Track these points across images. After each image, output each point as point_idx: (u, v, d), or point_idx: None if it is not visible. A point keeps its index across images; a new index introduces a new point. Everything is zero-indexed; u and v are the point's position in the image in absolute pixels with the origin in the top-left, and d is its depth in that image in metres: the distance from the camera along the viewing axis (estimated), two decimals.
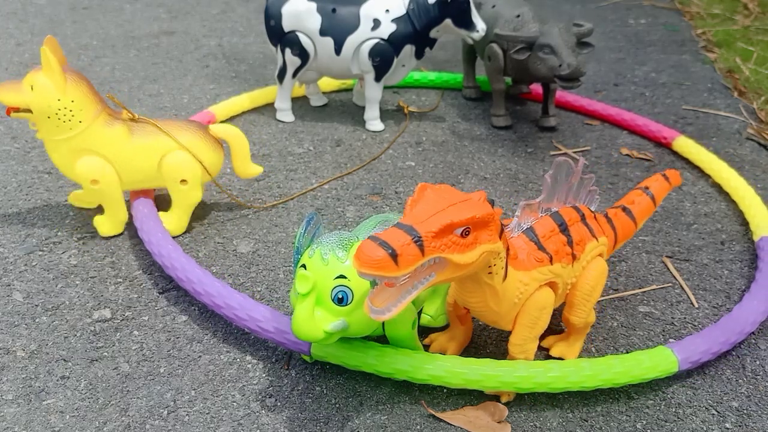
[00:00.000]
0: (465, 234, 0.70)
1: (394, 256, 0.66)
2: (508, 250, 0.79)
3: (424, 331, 0.96)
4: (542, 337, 0.95)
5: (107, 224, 1.14)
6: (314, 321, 0.76)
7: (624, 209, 1.01)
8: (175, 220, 1.15)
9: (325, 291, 0.77)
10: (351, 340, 0.87)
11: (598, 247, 0.90)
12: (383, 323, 0.85)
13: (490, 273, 0.77)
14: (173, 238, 1.13)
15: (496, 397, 0.87)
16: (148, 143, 1.10)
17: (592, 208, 0.96)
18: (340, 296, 0.77)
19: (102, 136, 1.07)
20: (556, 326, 0.98)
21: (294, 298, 0.82)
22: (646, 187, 1.04)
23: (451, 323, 0.93)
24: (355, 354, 0.86)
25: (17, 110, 1.05)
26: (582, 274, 0.88)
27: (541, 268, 0.82)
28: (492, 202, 0.75)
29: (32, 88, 1.03)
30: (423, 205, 0.71)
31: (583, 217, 0.90)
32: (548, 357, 0.93)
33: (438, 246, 0.69)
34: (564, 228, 0.86)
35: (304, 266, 0.79)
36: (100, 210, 1.17)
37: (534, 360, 0.88)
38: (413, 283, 0.71)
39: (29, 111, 1.04)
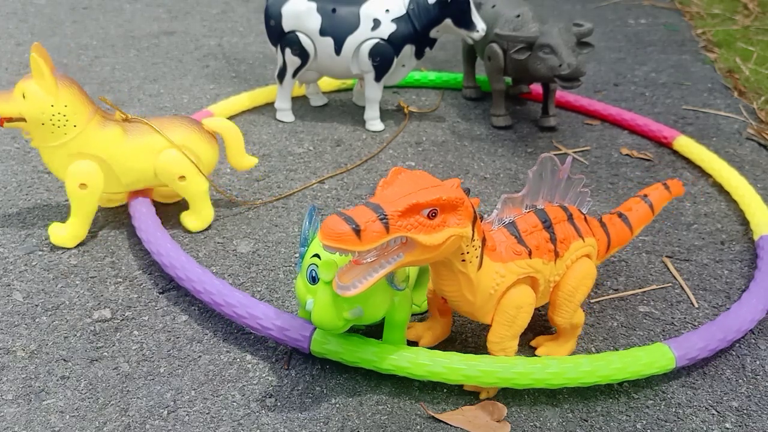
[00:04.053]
0: (432, 216, 0.72)
1: (357, 231, 0.68)
2: (485, 240, 0.79)
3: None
4: (529, 336, 0.95)
5: (65, 234, 1.09)
6: (336, 308, 0.77)
7: (620, 215, 1.01)
8: (195, 214, 1.15)
9: None
10: (350, 336, 0.87)
11: (584, 247, 0.90)
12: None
13: (463, 261, 0.78)
14: (200, 231, 1.16)
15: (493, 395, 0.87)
16: (143, 142, 1.09)
17: (583, 210, 0.95)
18: None
19: (97, 138, 1.07)
20: (549, 329, 0.98)
21: (303, 290, 0.82)
22: (645, 195, 1.04)
23: (430, 313, 0.94)
24: (354, 350, 0.86)
25: (10, 120, 1.04)
26: (565, 274, 0.88)
27: (519, 261, 0.83)
28: (468, 191, 0.76)
29: (24, 96, 1.02)
30: (394, 188, 0.73)
31: (570, 217, 0.90)
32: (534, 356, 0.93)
33: (404, 225, 0.70)
34: (548, 225, 0.86)
35: (317, 255, 0.80)
36: (65, 217, 1.15)
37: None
38: (381, 262, 0.73)
39: (23, 120, 1.03)
